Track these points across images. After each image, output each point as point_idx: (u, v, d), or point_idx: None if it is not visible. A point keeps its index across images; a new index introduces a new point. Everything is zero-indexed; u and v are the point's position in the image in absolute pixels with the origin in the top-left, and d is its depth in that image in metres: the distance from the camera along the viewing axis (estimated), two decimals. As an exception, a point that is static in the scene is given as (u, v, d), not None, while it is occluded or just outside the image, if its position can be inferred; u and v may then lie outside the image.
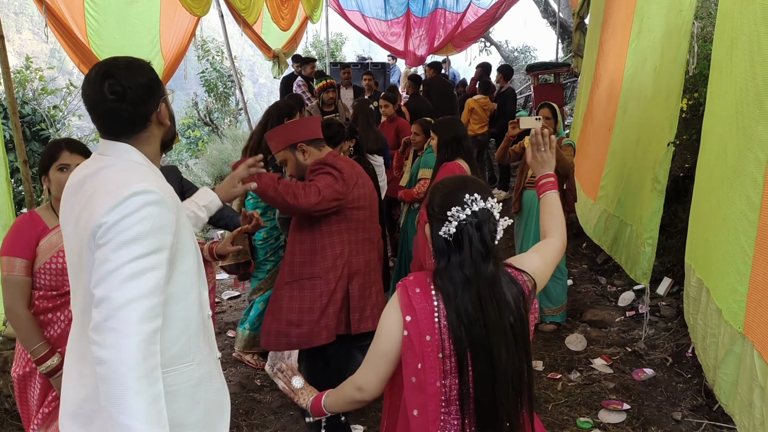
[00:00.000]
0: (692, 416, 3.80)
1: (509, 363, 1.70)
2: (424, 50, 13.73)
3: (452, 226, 1.75)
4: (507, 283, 1.80)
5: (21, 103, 6.94)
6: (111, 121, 1.70)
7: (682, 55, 4.01)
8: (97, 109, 1.69)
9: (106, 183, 1.62)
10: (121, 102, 1.67)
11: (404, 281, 1.81)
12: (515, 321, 1.74)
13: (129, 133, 1.72)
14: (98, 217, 1.54)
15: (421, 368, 1.70)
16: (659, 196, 4.26)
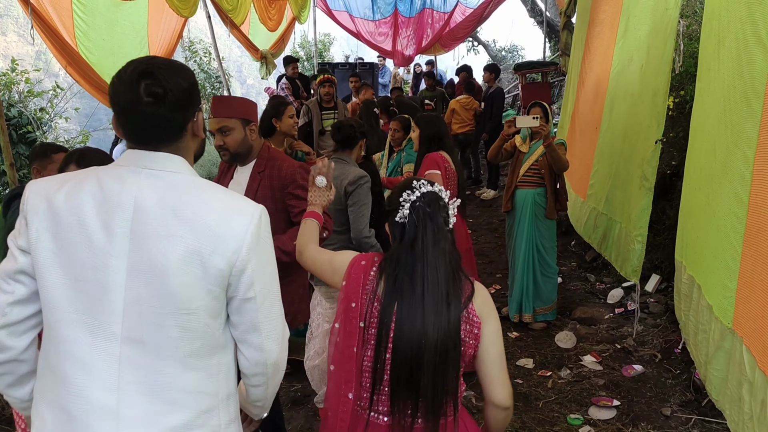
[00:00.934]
0: (681, 411, 3.82)
1: (435, 346, 1.76)
2: (412, 50, 13.73)
3: (406, 208, 1.87)
4: (453, 273, 1.86)
5: (7, 105, 6.89)
6: (148, 127, 1.46)
7: (668, 53, 4.04)
8: (131, 114, 1.44)
9: (214, 207, 1.48)
10: (160, 106, 1.43)
11: (359, 254, 2.01)
12: (452, 311, 1.80)
13: (167, 143, 1.49)
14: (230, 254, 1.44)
15: (341, 328, 1.89)
16: (648, 193, 4.30)
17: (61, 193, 1.43)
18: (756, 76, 2.66)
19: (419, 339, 1.76)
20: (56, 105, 7.76)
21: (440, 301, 1.79)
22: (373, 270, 1.91)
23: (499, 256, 7.01)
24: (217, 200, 1.46)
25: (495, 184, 9.78)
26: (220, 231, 1.42)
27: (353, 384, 1.85)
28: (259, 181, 2.96)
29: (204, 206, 1.43)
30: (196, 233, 1.40)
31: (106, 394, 1.39)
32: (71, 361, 1.40)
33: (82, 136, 7.97)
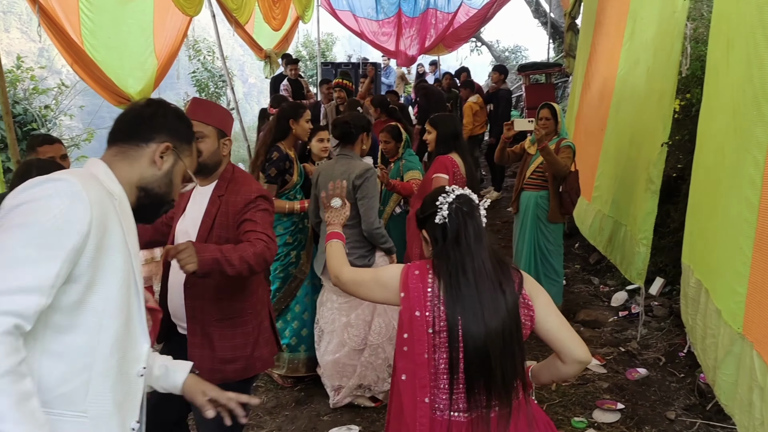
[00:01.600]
0: (686, 415, 3.82)
1: (500, 333, 1.91)
2: (415, 50, 13.73)
3: (444, 210, 2.00)
4: (498, 264, 2.01)
5: (12, 102, 6.89)
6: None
7: (675, 56, 4.03)
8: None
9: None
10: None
11: (407, 264, 2.08)
12: (508, 297, 1.94)
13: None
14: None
15: (409, 339, 1.96)
16: (653, 196, 4.28)
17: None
18: (767, 80, 2.66)
19: (484, 331, 1.90)
20: (61, 102, 7.76)
21: (495, 290, 1.94)
22: (429, 276, 2.01)
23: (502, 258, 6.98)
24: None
25: (499, 185, 9.76)
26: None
27: (428, 389, 1.94)
28: (218, 206, 2.58)
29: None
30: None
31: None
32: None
33: (87, 133, 7.96)
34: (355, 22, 13.30)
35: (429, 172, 4.20)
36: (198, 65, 13.49)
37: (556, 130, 4.98)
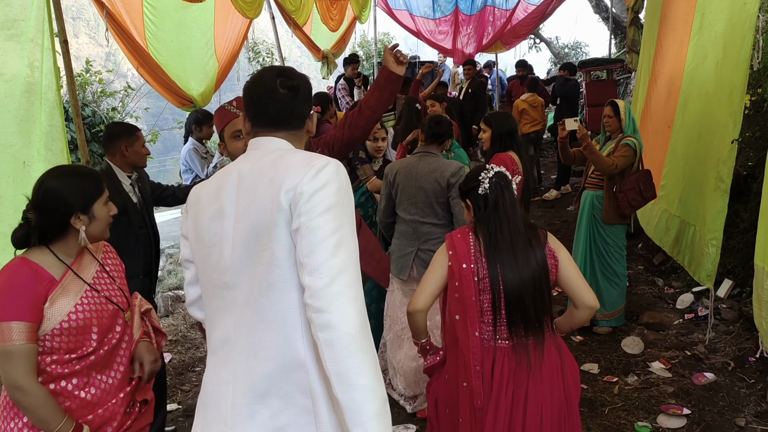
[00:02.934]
0: (756, 423, 3.68)
1: (532, 280, 2.44)
2: (472, 48, 13.59)
3: (485, 183, 2.53)
4: (528, 226, 2.56)
5: (81, 105, 7.16)
6: (277, 113, 1.76)
7: (746, 49, 3.88)
8: (267, 101, 1.75)
9: (290, 161, 1.65)
10: (292, 97, 1.76)
11: (449, 233, 2.64)
12: (537, 251, 2.48)
13: (288, 128, 1.78)
14: (291, 193, 1.57)
15: (459, 286, 2.47)
16: (723, 195, 4.13)
17: (205, 185, 1.81)
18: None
19: (519, 277, 2.42)
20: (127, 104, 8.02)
21: (526, 245, 2.46)
22: (471, 237, 2.54)
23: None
24: (295, 156, 1.68)
25: (559, 184, 9.59)
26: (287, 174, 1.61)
27: (476, 324, 2.46)
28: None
29: (282, 162, 1.66)
30: (274, 182, 1.61)
31: (228, 332, 1.70)
32: (212, 312, 1.76)
33: (151, 135, 8.20)
34: (411, 21, 13.26)
35: None
36: (257, 67, 13.72)
37: (621, 128, 4.84)
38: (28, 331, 1.93)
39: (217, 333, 1.74)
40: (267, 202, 1.60)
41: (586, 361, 4.57)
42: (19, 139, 3.45)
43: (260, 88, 1.77)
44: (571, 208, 8.51)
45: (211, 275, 1.73)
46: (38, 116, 3.56)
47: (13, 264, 2.01)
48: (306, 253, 1.53)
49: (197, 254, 1.78)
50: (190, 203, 1.82)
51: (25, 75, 3.47)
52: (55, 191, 2.04)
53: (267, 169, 1.66)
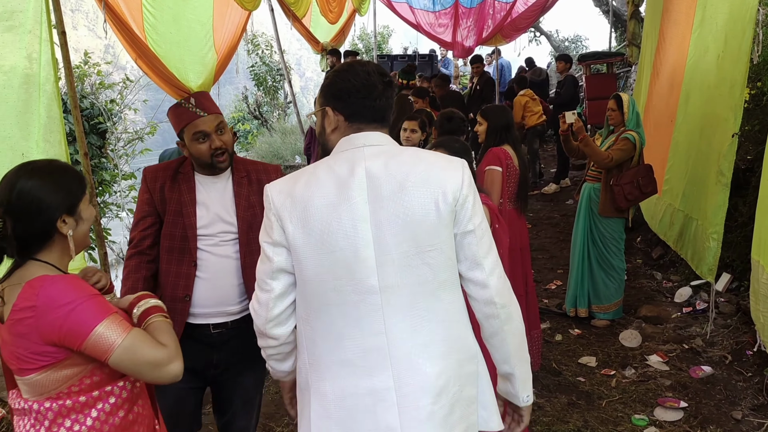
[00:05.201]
0: (753, 416, 3.68)
1: None
2: (472, 41, 13.54)
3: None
4: None
5: (80, 97, 7.12)
6: (381, 108, 1.75)
7: (746, 42, 3.87)
8: (371, 95, 1.73)
9: (434, 162, 1.71)
10: (390, 93, 1.78)
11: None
12: None
13: (387, 123, 1.79)
14: (450, 197, 1.64)
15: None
16: (724, 189, 4.13)
17: (298, 187, 1.68)
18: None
19: None
20: (125, 97, 7.99)
21: None
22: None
23: (561, 251, 6.88)
24: (430, 156, 1.75)
25: (559, 178, 9.59)
26: (444, 177, 1.67)
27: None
28: (247, 186, 2.59)
29: (424, 163, 1.69)
30: (430, 186, 1.64)
31: (377, 338, 1.64)
32: (344, 321, 1.65)
33: (150, 127, 8.19)
34: (411, 14, 13.21)
35: (482, 165, 4.12)
36: (256, 59, 13.69)
37: (623, 121, 4.84)
38: (123, 318, 1.74)
39: (354, 342, 1.65)
40: (427, 203, 1.63)
41: (584, 354, 4.58)
42: (17, 131, 3.44)
43: (362, 82, 1.72)
44: (570, 202, 8.52)
45: (342, 281, 1.64)
46: (36, 108, 3.55)
47: (58, 278, 1.69)
48: (483, 255, 1.69)
49: (311, 262, 1.65)
50: (283, 208, 1.67)
51: (23, 66, 3.46)
52: (34, 191, 1.71)
53: (410, 168, 1.66)
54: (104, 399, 1.73)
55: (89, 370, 1.70)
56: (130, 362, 1.65)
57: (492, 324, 1.72)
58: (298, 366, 1.79)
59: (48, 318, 1.59)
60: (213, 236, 2.49)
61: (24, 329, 1.61)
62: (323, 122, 1.80)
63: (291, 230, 1.65)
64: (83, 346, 1.62)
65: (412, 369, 1.64)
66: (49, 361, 1.64)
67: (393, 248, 1.62)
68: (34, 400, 1.68)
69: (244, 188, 2.58)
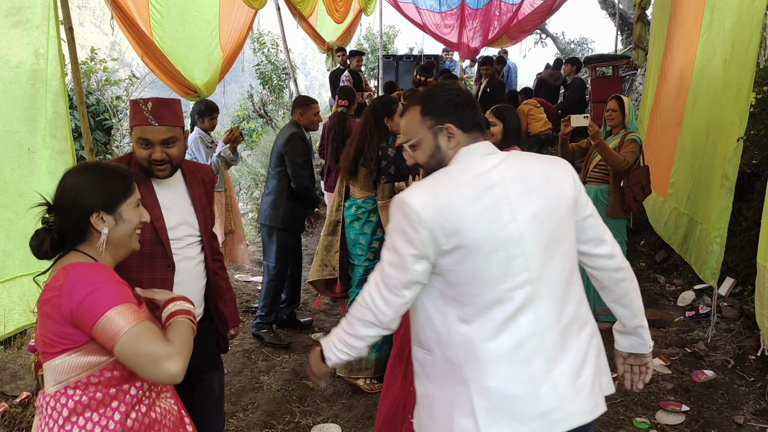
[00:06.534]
0: (755, 420, 3.68)
1: None
2: (478, 42, 13.56)
3: None
4: None
5: (86, 93, 7.15)
6: (482, 119, 1.93)
7: (753, 46, 3.86)
8: (476, 109, 1.90)
9: (550, 163, 1.90)
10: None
11: None
12: None
13: (484, 132, 1.93)
14: (571, 191, 1.85)
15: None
16: (728, 193, 4.12)
17: (442, 198, 1.74)
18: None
19: None
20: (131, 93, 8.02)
21: None
22: None
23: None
24: (532, 158, 1.92)
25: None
26: (558, 174, 1.86)
27: None
28: (197, 187, 2.58)
29: (536, 164, 1.86)
30: (552, 183, 1.82)
31: (530, 327, 1.76)
32: (501, 315, 1.75)
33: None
34: (417, 15, 13.23)
35: None
36: (262, 58, 13.71)
37: (624, 123, 4.84)
38: (142, 311, 1.77)
39: (511, 334, 1.76)
40: (559, 200, 1.81)
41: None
42: (24, 126, 3.46)
43: (465, 95, 1.90)
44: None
45: (498, 281, 1.75)
46: (43, 103, 3.57)
47: (89, 264, 1.75)
48: (603, 231, 1.92)
49: (469, 266, 1.74)
50: (433, 221, 1.73)
51: (30, 62, 3.47)
52: (74, 187, 1.82)
53: (530, 170, 1.83)
54: (120, 398, 1.75)
55: (111, 363, 1.72)
56: (132, 352, 1.64)
57: (622, 286, 1.96)
58: (449, 362, 1.82)
59: (69, 297, 1.64)
60: (180, 239, 2.46)
61: (50, 309, 1.67)
62: (437, 141, 1.88)
63: (444, 241, 1.73)
64: (93, 329, 1.63)
65: (563, 352, 1.79)
66: (70, 345, 1.67)
67: (537, 243, 1.76)
68: (53, 395, 1.70)
69: (196, 190, 2.56)
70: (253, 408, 3.97)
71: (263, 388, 4.22)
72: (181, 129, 2.44)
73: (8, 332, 3.48)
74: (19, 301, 3.46)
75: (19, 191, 3.42)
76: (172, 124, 2.37)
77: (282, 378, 4.34)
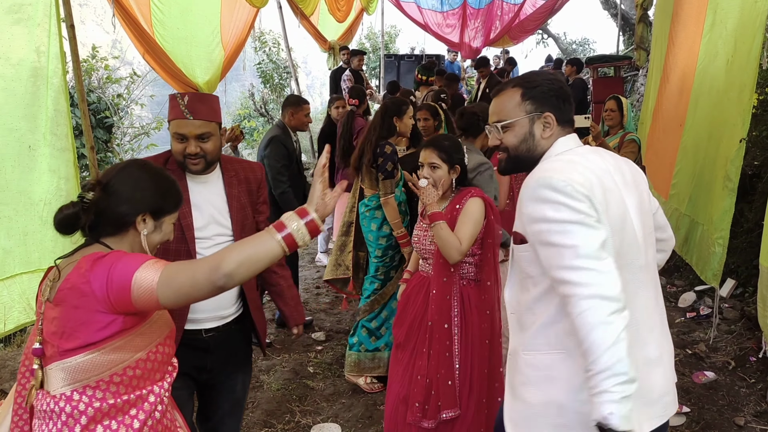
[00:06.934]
0: (756, 422, 3.68)
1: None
2: (479, 42, 13.55)
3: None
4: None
5: (87, 91, 7.14)
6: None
7: (756, 47, 3.84)
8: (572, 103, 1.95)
9: (616, 157, 1.95)
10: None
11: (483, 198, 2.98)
12: None
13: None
14: (646, 187, 1.94)
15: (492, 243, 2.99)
16: (730, 194, 4.11)
17: (583, 172, 1.72)
18: None
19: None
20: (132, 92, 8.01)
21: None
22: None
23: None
24: (607, 153, 1.95)
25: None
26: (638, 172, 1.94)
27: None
28: (237, 186, 2.56)
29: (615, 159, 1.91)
30: (638, 180, 1.91)
31: (643, 312, 1.80)
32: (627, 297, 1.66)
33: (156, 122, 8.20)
34: (419, 14, 13.22)
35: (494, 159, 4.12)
36: (263, 57, 13.70)
37: (622, 124, 4.85)
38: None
39: (632, 316, 1.67)
40: (645, 196, 1.91)
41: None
42: (25, 124, 3.45)
43: (568, 91, 1.92)
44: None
45: (630, 258, 1.78)
46: (44, 101, 3.55)
47: (108, 251, 1.72)
48: (663, 217, 2.07)
49: (615, 239, 1.71)
50: (594, 186, 1.70)
51: (31, 60, 3.46)
52: (138, 180, 1.80)
53: (626, 167, 1.90)
54: (138, 406, 1.71)
55: (134, 361, 1.68)
56: (176, 289, 1.60)
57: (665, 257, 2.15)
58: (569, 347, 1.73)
59: (100, 282, 1.60)
60: (208, 239, 2.45)
61: (77, 299, 1.61)
62: (532, 128, 1.86)
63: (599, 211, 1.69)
64: (133, 299, 1.59)
65: (662, 336, 1.88)
66: (95, 338, 1.61)
67: (645, 230, 1.84)
68: (69, 396, 1.63)
69: (234, 189, 2.54)
70: (253, 407, 3.97)
71: (263, 388, 4.22)
72: (217, 125, 2.45)
73: (8, 330, 3.47)
74: (18, 298, 3.45)
75: (19, 189, 3.41)
76: (208, 119, 2.38)
77: (282, 377, 4.34)
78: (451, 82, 8.91)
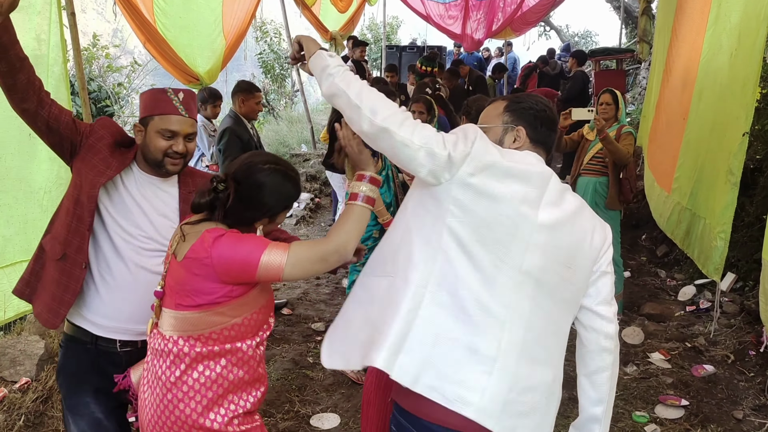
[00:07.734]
0: (754, 416, 3.68)
1: None
2: (481, 34, 13.50)
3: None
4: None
5: (88, 80, 7.13)
6: (554, 141, 1.99)
7: (760, 41, 3.82)
8: (556, 131, 1.99)
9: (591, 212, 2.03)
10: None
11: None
12: None
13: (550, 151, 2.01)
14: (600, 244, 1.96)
15: None
16: (733, 188, 4.10)
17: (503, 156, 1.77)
18: None
19: None
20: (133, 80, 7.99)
21: None
22: None
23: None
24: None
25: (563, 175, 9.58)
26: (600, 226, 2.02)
27: None
28: (189, 192, 2.35)
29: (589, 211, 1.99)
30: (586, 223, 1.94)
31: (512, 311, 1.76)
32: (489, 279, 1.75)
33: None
34: (421, 5, 13.16)
35: None
36: (264, 47, 13.67)
37: (617, 117, 4.86)
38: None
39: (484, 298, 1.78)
40: (585, 243, 1.91)
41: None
42: (25, 111, 3.44)
43: (550, 117, 1.92)
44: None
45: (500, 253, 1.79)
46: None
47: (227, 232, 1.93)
48: (612, 295, 1.97)
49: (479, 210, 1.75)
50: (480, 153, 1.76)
51: (32, 48, 3.44)
52: (268, 188, 1.98)
53: (582, 212, 1.93)
54: (233, 353, 1.96)
55: (231, 325, 1.94)
56: (302, 270, 1.88)
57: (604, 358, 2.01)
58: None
59: (219, 258, 1.85)
60: (135, 238, 2.26)
61: (199, 268, 1.87)
62: (503, 136, 1.92)
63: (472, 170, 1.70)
64: (258, 274, 1.85)
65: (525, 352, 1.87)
66: (207, 300, 1.89)
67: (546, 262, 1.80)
68: (176, 340, 1.92)
69: (188, 205, 2.21)
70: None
71: (262, 377, 4.22)
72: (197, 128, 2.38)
73: (8, 318, 3.48)
74: (19, 286, 3.45)
75: (19, 177, 3.40)
76: (195, 119, 2.30)
77: (281, 368, 4.35)
78: (453, 76, 8.89)
